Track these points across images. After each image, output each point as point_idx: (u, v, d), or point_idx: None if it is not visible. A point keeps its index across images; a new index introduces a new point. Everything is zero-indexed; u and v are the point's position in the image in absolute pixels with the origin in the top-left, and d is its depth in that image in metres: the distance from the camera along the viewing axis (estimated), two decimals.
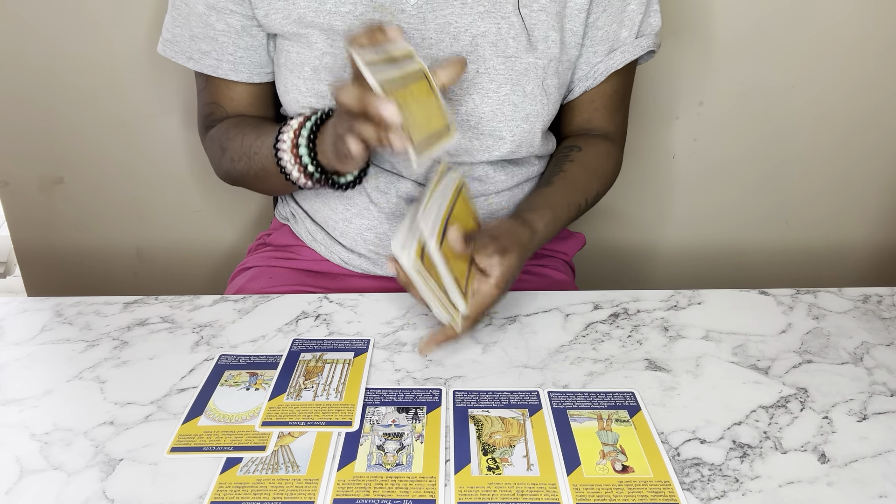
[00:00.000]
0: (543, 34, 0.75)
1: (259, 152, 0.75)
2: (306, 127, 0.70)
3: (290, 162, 0.71)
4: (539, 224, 0.72)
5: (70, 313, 0.72)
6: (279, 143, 0.71)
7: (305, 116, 0.71)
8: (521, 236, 0.68)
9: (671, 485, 0.50)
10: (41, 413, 0.58)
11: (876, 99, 1.12)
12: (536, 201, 0.75)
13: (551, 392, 0.60)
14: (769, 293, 0.75)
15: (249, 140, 0.77)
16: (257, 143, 0.75)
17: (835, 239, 1.24)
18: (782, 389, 0.60)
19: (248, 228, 1.24)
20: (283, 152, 0.71)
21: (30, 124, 1.14)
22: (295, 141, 0.70)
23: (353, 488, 0.50)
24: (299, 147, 0.69)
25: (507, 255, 0.64)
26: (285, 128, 0.71)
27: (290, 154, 0.70)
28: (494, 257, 0.64)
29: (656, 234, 1.25)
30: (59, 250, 1.25)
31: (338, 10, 0.72)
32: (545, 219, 0.73)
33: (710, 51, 1.09)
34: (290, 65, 0.77)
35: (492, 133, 0.77)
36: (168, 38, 0.80)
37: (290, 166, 0.71)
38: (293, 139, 0.70)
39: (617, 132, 0.88)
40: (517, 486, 0.50)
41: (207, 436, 0.55)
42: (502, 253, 0.64)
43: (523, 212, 0.73)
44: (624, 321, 0.70)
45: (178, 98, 1.12)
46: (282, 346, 0.67)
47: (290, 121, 0.72)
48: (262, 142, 0.75)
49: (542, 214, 0.73)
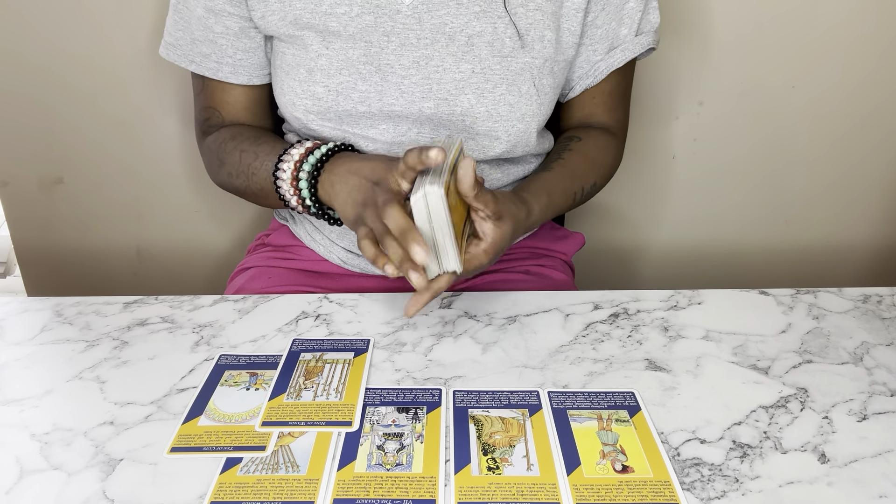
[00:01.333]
0: (539, 34, 0.75)
1: (257, 174, 0.75)
2: (308, 162, 0.70)
3: (290, 192, 0.72)
4: (535, 206, 0.71)
5: (70, 313, 0.72)
6: (279, 171, 0.72)
7: (307, 149, 0.71)
8: (518, 211, 0.67)
9: (671, 485, 0.50)
10: (41, 413, 0.58)
11: (876, 99, 1.12)
12: (534, 184, 0.75)
13: (551, 392, 0.60)
14: (769, 293, 0.75)
15: (247, 159, 0.77)
16: (255, 164, 0.76)
17: (835, 239, 1.24)
18: (782, 389, 0.60)
19: (247, 228, 1.24)
20: (282, 181, 0.72)
21: (30, 124, 1.14)
22: (295, 174, 0.70)
23: (353, 488, 0.50)
24: (299, 181, 0.70)
25: (501, 222, 0.63)
26: (285, 157, 0.72)
27: (290, 186, 0.71)
28: (489, 222, 0.63)
29: (656, 234, 1.25)
30: (59, 250, 1.25)
31: (333, 12, 0.72)
32: (541, 203, 0.72)
33: (710, 50, 1.09)
34: (286, 67, 0.77)
35: (487, 133, 0.77)
36: (170, 41, 0.81)
37: (288, 196, 0.72)
38: (293, 172, 0.70)
39: (618, 126, 0.88)
40: (517, 486, 0.50)
41: (207, 436, 0.55)
42: (497, 217, 0.63)
43: (520, 191, 0.72)
44: (624, 321, 0.70)
45: (178, 98, 1.12)
46: (282, 346, 0.67)
47: (290, 150, 0.72)
48: (261, 163, 0.75)
49: (538, 198, 0.72)
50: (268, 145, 0.77)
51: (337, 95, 0.74)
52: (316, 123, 0.77)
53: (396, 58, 0.73)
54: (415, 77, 0.74)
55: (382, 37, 0.73)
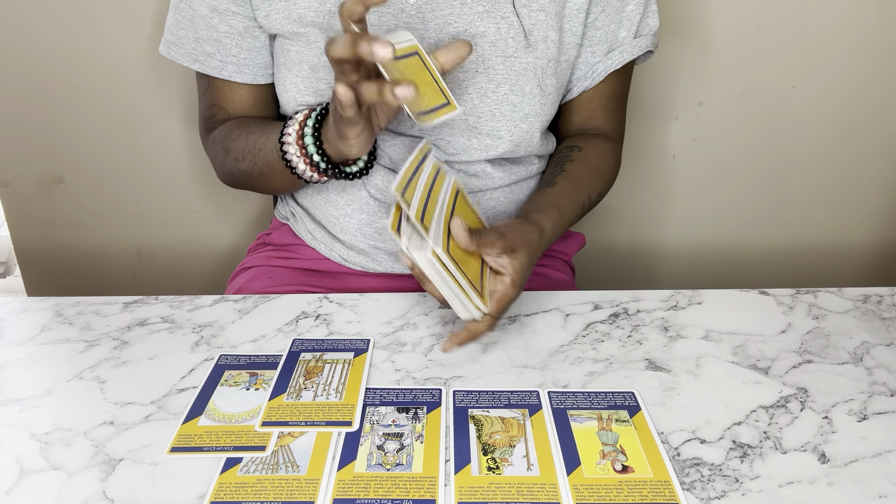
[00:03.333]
0: (542, 34, 0.75)
1: (264, 148, 0.75)
2: (311, 118, 0.69)
3: (296, 154, 0.70)
4: (546, 224, 0.71)
5: (70, 313, 0.72)
6: (284, 136, 0.71)
7: (310, 108, 0.71)
8: (529, 235, 0.67)
9: (671, 485, 0.50)
10: (41, 413, 0.58)
11: (876, 99, 1.12)
12: (541, 201, 0.75)
13: (551, 392, 0.60)
14: (769, 293, 0.75)
15: (254, 138, 0.77)
16: (262, 140, 0.75)
17: (835, 239, 1.24)
18: (782, 389, 0.60)
19: (248, 228, 1.24)
20: (288, 145, 0.70)
21: (30, 124, 1.14)
22: (300, 132, 0.70)
23: (353, 488, 0.50)
24: (305, 137, 0.69)
25: (517, 254, 0.63)
26: (290, 121, 0.71)
27: (296, 146, 0.70)
28: (504, 257, 0.63)
29: (656, 234, 1.25)
30: (59, 250, 1.25)
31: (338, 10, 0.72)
32: (552, 218, 0.72)
33: (710, 51, 1.09)
34: (289, 63, 0.77)
35: (490, 132, 0.77)
36: (172, 39, 0.80)
37: (296, 159, 0.71)
38: (298, 131, 0.70)
39: (616, 131, 0.88)
40: (517, 486, 0.50)
41: (207, 436, 0.55)
42: (511, 251, 0.63)
43: (529, 212, 0.72)
44: (624, 321, 0.70)
45: (178, 98, 1.12)
46: (282, 346, 0.67)
47: (294, 115, 0.72)
48: (267, 138, 0.75)
49: (548, 214, 0.72)
50: (274, 124, 0.77)
51: None
52: None
53: None
54: None
55: (386, 35, 0.73)
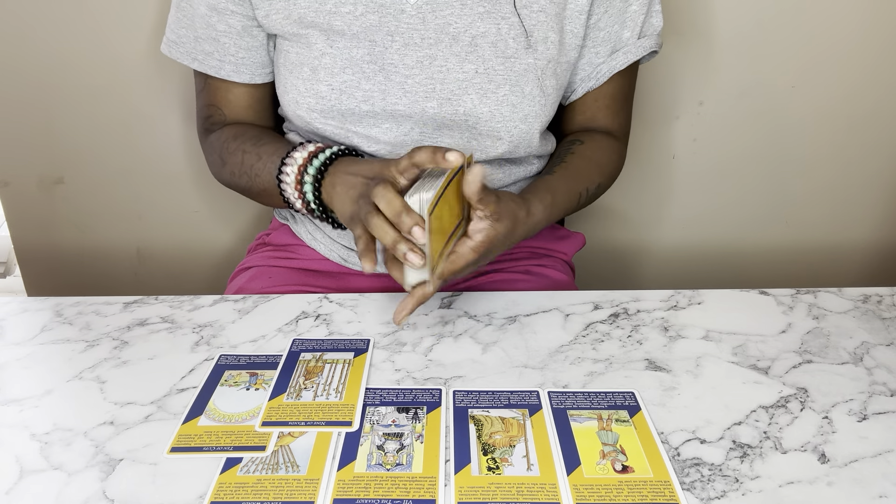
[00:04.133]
0: (543, 35, 0.75)
1: (261, 175, 0.76)
2: (313, 165, 0.70)
3: (294, 196, 0.72)
4: (537, 206, 0.70)
5: (70, 313, 0.72)
6: (282, 174, 0.72)
7: (311, 153, 0.71)
8: (516, 210, 0.66)
9: (671, 485, 0.50)
10: (41, 413, 0.58)
11: (876, 99, 1.12)
12: (536, 185, 0.75)
13: (551, 392, 0.60)
14: (769, 293, 0.75)
15: (250, 160, 0.77)
16: (258, 166, 0.76)
17: (835, 239, 1.24)
18: (782, 389, 0.60)
19: (248, 228, 1.24)
20: (286, 185, 0.72)
21: (30, 124, 1.14)
22: (299, 178, 0.70)
23: (353, 488, 0.50)
24: (304, 185, 0.71)
25: (497, 224, 0.63)
26: (288, 160, 0.72)
27: (294, 189, 0.72)
28: (485, 221, 0.62)
29: (656, 234, 1.25)
30: (59, 250, 1.25)
31: (338, 11, 0.72)
32: (544, 202, 0.72)
33: (711, 51, 1.09)
34: (290, 65, 0.77)
35: (490, 133, 0.77)
36: (173, 38, 0.81)
37: (293, 199, 0.73)
38: (297, 176, 0.70)
39: (620, 130, 0.88)
40: (517, 486, 0.50)
41: (207, 436, 0.55)
42: (496, 219, 0.63)
43: (523, 192, 0.72)
44: (624, 321, 0.70)
45: (178, 98, 1.12)
46: (282, 346, 0.67)
47: (292, 153, 0.72)
48: (264, 165, 0.75)
49: (541, 198, 0.72)
50: (270, 146, 0.77)
51: (340, 94, 0.74)
52: (319, 122, 0.77)
53: (400, 57, 0.73)
54: (418, 77, 0.74)
55: (386, 36, 0.73)
